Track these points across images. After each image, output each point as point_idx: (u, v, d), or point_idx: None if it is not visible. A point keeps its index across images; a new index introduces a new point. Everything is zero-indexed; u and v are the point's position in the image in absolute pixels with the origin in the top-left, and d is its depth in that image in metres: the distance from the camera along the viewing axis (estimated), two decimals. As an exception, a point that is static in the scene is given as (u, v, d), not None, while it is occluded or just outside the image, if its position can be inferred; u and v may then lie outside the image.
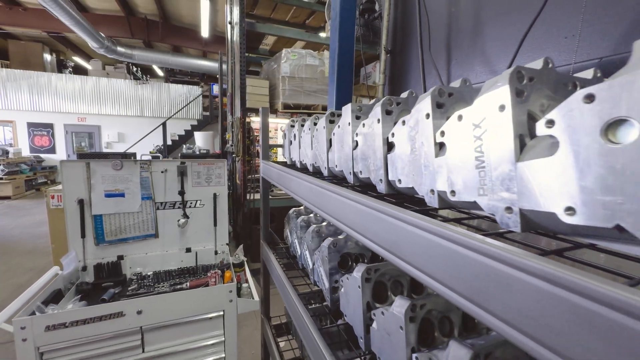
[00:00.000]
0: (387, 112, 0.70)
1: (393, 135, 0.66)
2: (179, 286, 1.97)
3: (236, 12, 4.28)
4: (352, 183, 0.85)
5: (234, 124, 4.63)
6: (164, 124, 8.55)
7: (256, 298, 1.87)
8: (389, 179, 0.68)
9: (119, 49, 8.52)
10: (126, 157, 4.67)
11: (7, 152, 8.93)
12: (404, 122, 0.62)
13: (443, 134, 0.52)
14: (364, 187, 0.84)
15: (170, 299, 1.67)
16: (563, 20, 1.04)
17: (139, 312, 1.59)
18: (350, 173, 0.84)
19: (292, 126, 1.40)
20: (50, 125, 10.31)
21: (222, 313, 1.78)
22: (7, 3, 7.66)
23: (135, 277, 2.07)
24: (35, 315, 1.44)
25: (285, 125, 1.49)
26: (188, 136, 10.38)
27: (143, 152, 8.35)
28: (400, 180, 0.65)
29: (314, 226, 1.29)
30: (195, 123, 11.08)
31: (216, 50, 8.08)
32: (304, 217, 1.49)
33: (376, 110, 0.70)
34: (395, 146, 0.65)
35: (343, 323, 1.03)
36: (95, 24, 7.57)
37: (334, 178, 1.01)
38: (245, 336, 2.96)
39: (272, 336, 1.74)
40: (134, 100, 10.83)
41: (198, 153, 7.61)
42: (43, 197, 8.18)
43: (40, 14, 7.60)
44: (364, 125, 0.76)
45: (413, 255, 0.52)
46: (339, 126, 0.88)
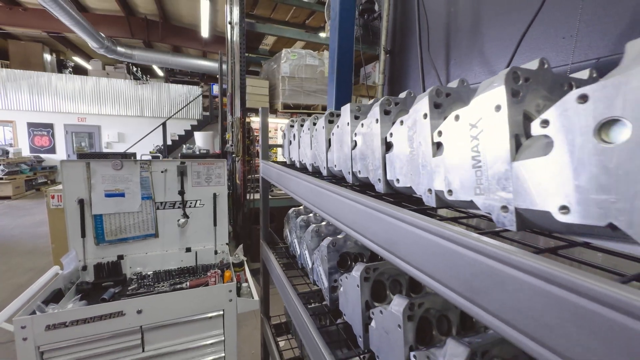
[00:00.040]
0: (386, 112, 0.70)
1: (391, 135, 0.66)
2: (178, 286, 1.98)
3: (236, 12, 4.28)
4: (351, 183, 0.86)
5: (233, 124, 4.63)
6: (164, 124, 8.55)
7: (256, 297, 1.87)
8: (387, 178, 0.69)
9: (119, 49, 8.52)
10: (126, 157, 4.67)
11: (7, 152, 8.93)
12: (402, 122, 0.62)
13: (440, 133, 0.52)
14: (363, 187, 0.85)
15: (170, 299, 1.67)
16: (561, 20, 1.05)
17: (139, 312, 1.59)
18: (349, 173, 0.84)
19: (292, 126, 1.40)
20: (50, 125, 10.32)
21: (222, 312, 1.78)
22: (7, 3, 7.66)
23: (135, 277, 2.08)
24: (35, 314, 1.45)
25: (285, 125, 1.49)
26: (188, 136, 10.37)
27: (143, 152, 8.36)
28: (398, 179, 0.65)
29: (313, 226, 1.29)
30: (195, 123, 11.08)
31: (216, 50, 8.08)
32: (303, 217, 1.49)
33: (374, 111, 0.71)
34: (393, 146, 0.66)
35: (342, 322, 1.03)
36: (95, 24, 7.58)
37: (333, 178, 1.02)
38: (245, 336, 2.96)
39: (272, 335, 1.75)
40: (134, 100, 10.83)
41: (198, 153, 7.62)
42: (43, 197, 8.19)
43: (40, 14, 7.60)
44: (362, 125, 0.76)
45: (411, 254, 0.53)
46: (338, 126, 0.89)
